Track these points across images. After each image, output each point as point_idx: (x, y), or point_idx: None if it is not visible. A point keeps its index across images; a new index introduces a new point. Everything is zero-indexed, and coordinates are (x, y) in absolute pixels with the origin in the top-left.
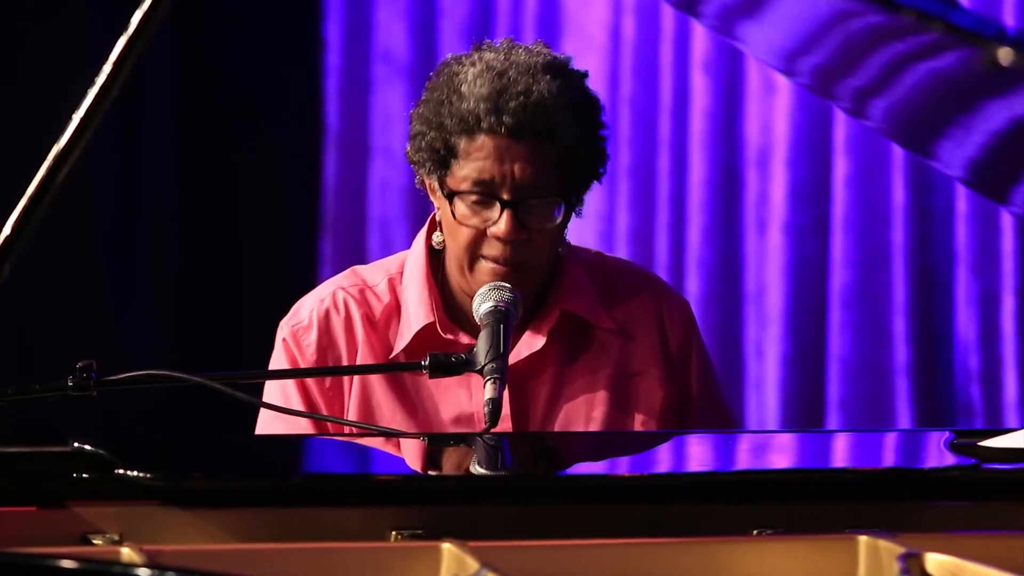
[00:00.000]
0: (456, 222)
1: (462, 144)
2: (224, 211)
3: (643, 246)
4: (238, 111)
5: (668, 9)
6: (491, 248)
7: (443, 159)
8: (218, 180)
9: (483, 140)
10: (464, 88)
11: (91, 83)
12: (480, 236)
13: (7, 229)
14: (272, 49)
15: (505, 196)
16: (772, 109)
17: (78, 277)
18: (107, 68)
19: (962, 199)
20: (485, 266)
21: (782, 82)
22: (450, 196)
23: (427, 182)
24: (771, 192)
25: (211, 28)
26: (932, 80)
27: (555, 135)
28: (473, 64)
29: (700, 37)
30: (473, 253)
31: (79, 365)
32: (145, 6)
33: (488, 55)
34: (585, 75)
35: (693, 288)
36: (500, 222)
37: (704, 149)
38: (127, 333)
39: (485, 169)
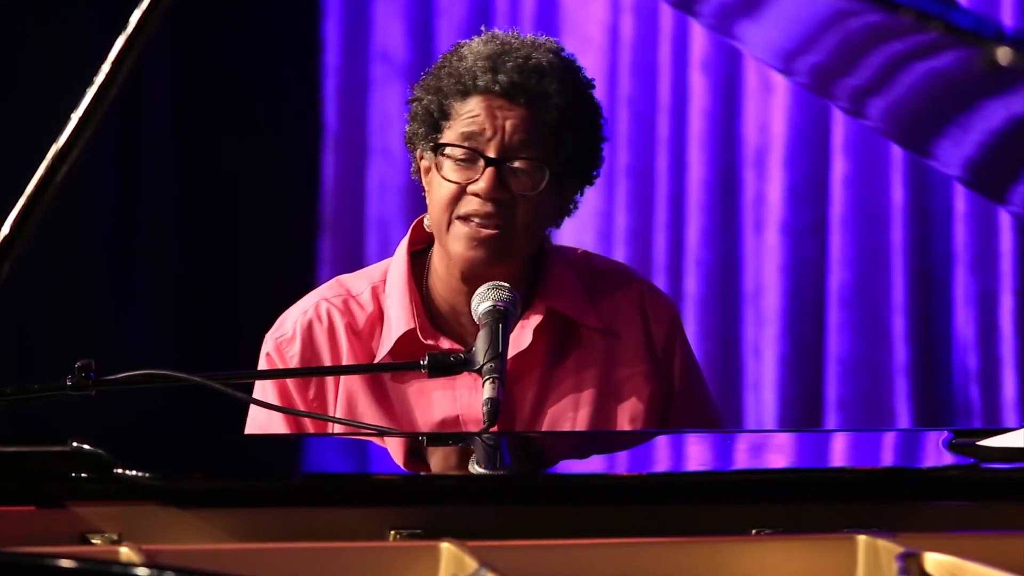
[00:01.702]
0: (439, 178)
1: (455, 105)
2: (223, 211)
3: (641, 246)
4: (237, 111)
5: (667, 9)
6: (470, 205)
7: (435, 123)
8: (217, 180)
9: (476, 101)
10: (464, 51)
11: (90, 83)
12: (460, 194)
13: (7, 229)
14: (271, 49)
15: (490, 154)
16: (770, 109)
17: (78, 277)
18: (106, 68)
19: (961, 199)
20: (462, 228)
21: (780, 82)
22: (435, 148)
23: (422, 165)
24: (769, 192)
25: (211, 28)
26: (931, 80)
27: (548, 102)
28: (480, 36)
29: (699, 37)
30: (452, 212)
31: (78, 365)
32: (144, 6)
33: (498, 31)
34: (591, 84)
35: (691, 288)
36: (482, 179)
37: (702, 149)
38: (127, 333)
39: (474, 124)
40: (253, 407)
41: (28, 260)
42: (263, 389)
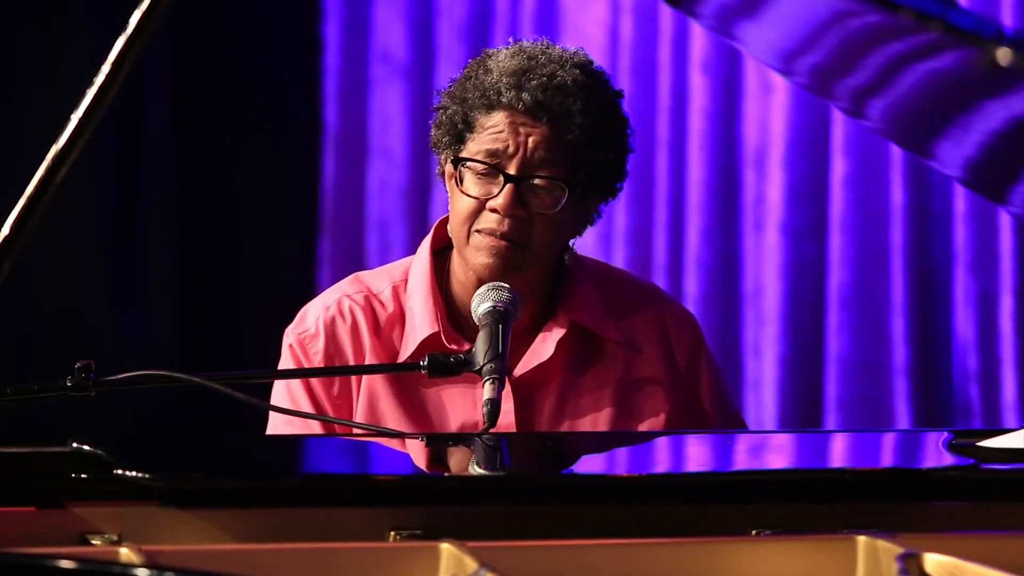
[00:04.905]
0: (460, 192)
1: (480, 119)
2: (223, 211)
3: (641, 246)
4: (237, 111)
5: (666, 9)
6: (488, 221)
7: (459, 133)
8: (217, 180)
9: (500, 116)
10: (491, 63)
11: (90, 83)
12: (479, 207)
13: (6, 229)
14: (271, 49)
15: (510, 171)
16: (770, 109)
17: (78, 277)
18: (106, 68)
19: (960, 199)
20: (480, 240)
21: (780, 82)
22: (456, 162)
23: (446, 170)
24: (769, 192)
25: (211, 28)
26: (931, 80)
27: (571, 121)
28: (508, 47)
29: (698, 37)
30: (470, 226)
31: (78, 365)
32: (145, 6)
33: (526, 43)
34: (620, 94)
35: (691, 288)
36: (500, 196)
37: (702, 149)
38: (127, 333)
39: (497, 140)
40: (275, 403)
41: (28, 260)
42: (289, 388)
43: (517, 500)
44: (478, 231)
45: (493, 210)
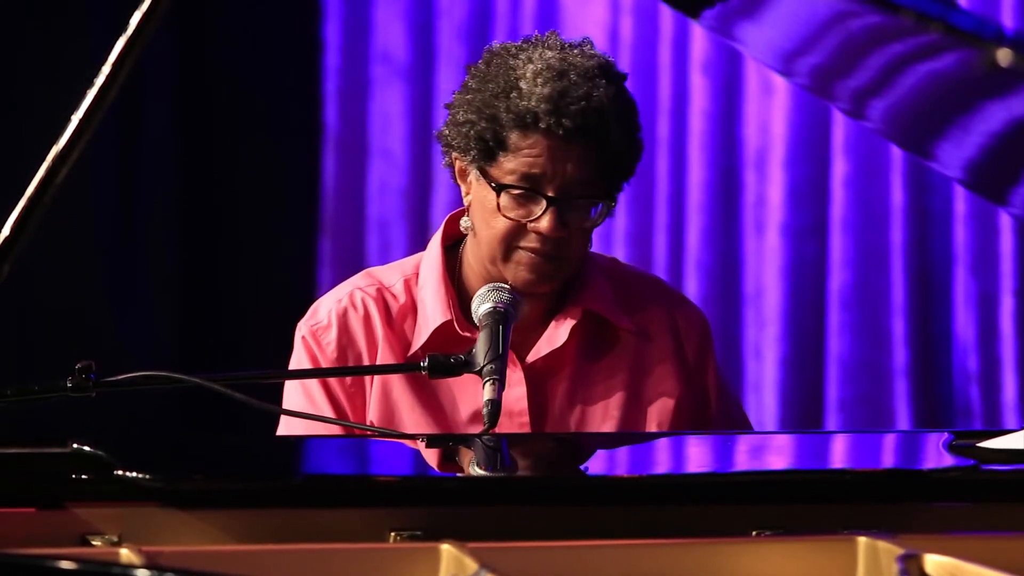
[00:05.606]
0: (497, 212)
1: (513, 138)
2: (223, 212)
3: (642, 247)
4: (237, 112)
5: (666, 10)
6: (530, 241)
7: (491, 150)
8: (217, 181)
9: (537, 138)
10: (524, 85)
11: (90, 83)
12: (519, 228)
13: (7, 230)
14: (271, 49)
15: (551, 193)
16: (771, 110)
17: (78, 277)
18: (106, 68)
19: (961, 200)
20: (522, 256)
21: (781, 83)
22: (498, 189)
23: (458, 166)
24: (769, 193)
25: (211, 28)
26: (931, 81)
27: (607, 139)
28: (531, 60)
29: (698, 38)
30: (509, 244)
31: (78, 366)
32: (145, 6)
33: (546, 53)
34: (625, 77)
35: (692, 289)
36: (543, 219)
37: (703, 150)
38: (127, 333)
39: (536, 165)
40: (287, 403)
41: (28, 261)
42: (305, 385)
43: (517, 500)
44: (520, 247)
45: (536, 231)
